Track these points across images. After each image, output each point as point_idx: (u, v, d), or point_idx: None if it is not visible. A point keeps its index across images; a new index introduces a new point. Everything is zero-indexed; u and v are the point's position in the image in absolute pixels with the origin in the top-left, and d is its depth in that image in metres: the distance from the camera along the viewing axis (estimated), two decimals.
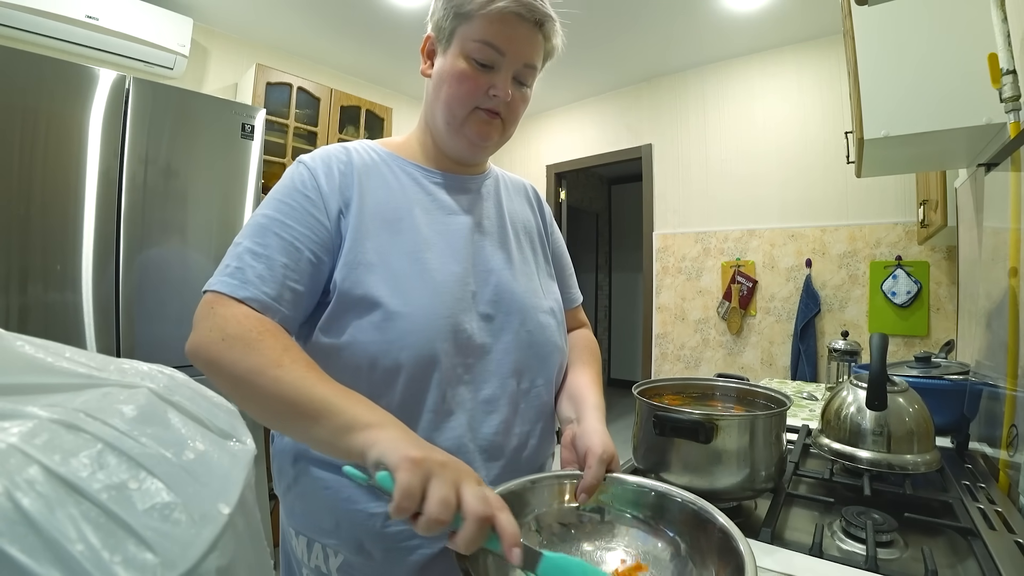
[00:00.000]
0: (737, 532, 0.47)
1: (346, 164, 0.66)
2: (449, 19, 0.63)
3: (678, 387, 0.91)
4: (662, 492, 0.55)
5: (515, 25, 0.62)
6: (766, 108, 2.74)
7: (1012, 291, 0.84)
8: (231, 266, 0.58)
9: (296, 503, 0.65)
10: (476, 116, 0.65)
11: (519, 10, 0.61)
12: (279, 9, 2.37)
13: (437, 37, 0.66)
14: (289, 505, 0.66)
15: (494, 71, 0.63)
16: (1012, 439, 0.79)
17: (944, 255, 2.24)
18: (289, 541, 0.67)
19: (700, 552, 0.50)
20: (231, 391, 0.52)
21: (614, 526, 0.55)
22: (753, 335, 2.75)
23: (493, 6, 0.60)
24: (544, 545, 0.53)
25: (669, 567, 0.51)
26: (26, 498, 0.22)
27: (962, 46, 1.00)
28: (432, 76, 0.68)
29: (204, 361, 0.54)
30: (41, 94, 1.46)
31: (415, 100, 3.46)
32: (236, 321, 0.54)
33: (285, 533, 0.68)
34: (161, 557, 0.24)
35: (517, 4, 0.60)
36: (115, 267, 1.59)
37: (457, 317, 0.62)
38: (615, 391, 5.07)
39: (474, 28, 0.61)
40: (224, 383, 0.53)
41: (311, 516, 0.64)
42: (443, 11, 0.63)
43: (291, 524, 0.66)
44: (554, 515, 0.55)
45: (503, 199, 0.77)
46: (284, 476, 0.67)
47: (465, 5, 0.61)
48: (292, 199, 0.63)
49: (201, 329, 0.55)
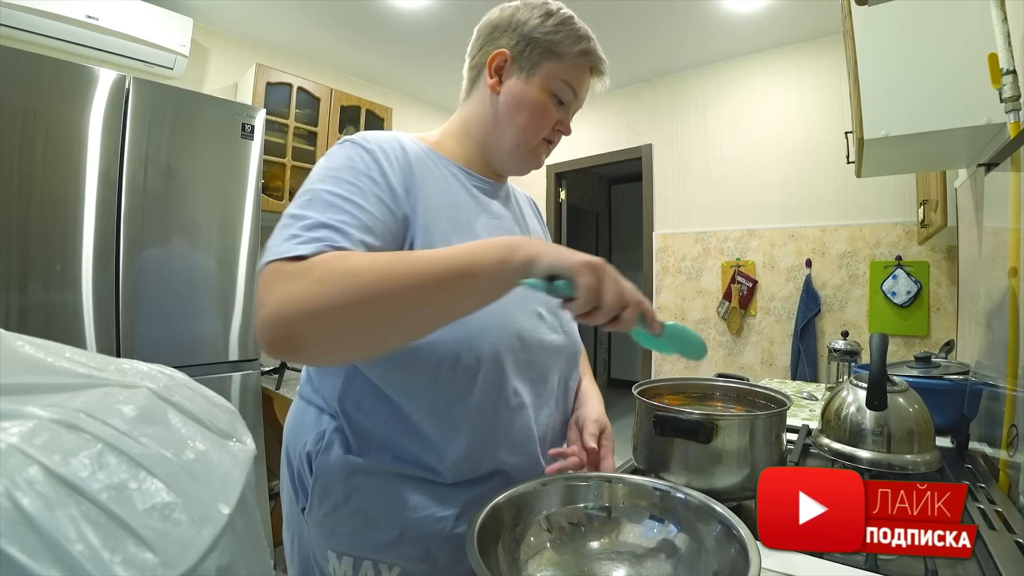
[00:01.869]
0: (738, 521, 0.49)
1: (402, 153, 0.64)
2: (537, 51, 0.68)
3: (678, 387, 0.91)
4: (665, 490, 0.57)
5: (590, 74, 0.71)
6: (766, 108, 2.74)
7: (1012, 291, 0.84)
8: (299, 236, 0.51)
9: (345, 522, 0.62)
10: (541, 144, 0.72)
11: (599, 65, 0.71)
12: (279, 9, 2.37)
13: (516, 61, 0.68)
14: (331, 526, 0.62)
15: (564, 108, 0.70)
16: (1012, 439, 0.79)
17: (944, 255, 2.24)
18: (323, 565, 0.63)
19: (704, 544, 0.51)
20: (356, 322, 0.47)
21: (620, 523, 0.57)
22: (753, 335, 2.75)
23: (584, 57, 0.69)
24: (555, 543, 0.55)
25: (676, 559, 0.53)
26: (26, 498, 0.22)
27: (962, 46, 0.99)
28: (504, 95, 0.69)
29: (305, 316, 0.45)
30: (41, 94, 1.46)
31: (415, 100, 3.46)
32: (317, 264, 0.48)
33: (315, 558, 0.64)
34: (161, 557, 0.24)
35: (598, 60, 0.70)
36: (115, 267, 1.58)
37: (520, 315, 0.65)
38: (615, 391, 5.07)
39: (563, 69, 0.68)
40: (343, 321, 0.47)
41: (366, 533, 0.61)
42: (529, 41, 0.68)
43: (331, 546, 0.62)
44: (563, 515, 0.57)
45: (523, 209, 0.82)
46: (331, 495, 0.63)
47: (559, 45, 0.67)
48: (358, 180, 0.58)
49: (277, 295, 0.46)
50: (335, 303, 0.46)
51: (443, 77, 3.11)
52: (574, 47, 0.68)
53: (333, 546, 0.63)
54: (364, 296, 0.46)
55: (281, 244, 0.50)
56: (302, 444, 0.66)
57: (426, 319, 0.51)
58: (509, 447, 0.64)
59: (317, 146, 2.59)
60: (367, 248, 0.53)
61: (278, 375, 2.26)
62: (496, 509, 0.53)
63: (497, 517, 0.53)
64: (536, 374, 0.67)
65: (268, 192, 2.40)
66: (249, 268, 1.90)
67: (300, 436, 0.68)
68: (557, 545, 0.55)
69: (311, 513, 0.64)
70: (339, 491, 0.63)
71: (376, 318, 0.48)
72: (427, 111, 3.54)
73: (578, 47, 0.68)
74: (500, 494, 0.54)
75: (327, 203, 0.54)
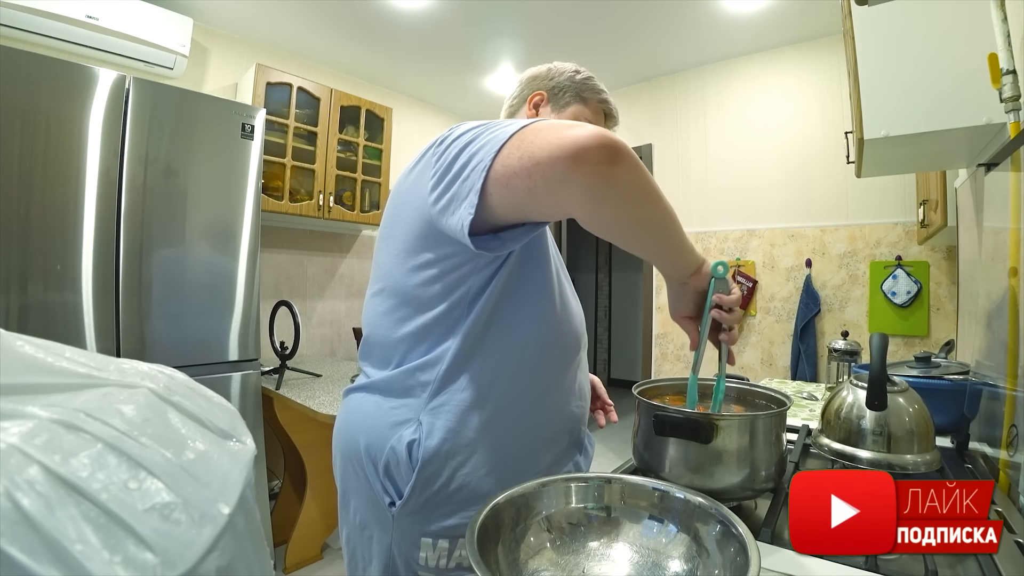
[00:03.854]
0: (737, 520, 0.49)
1: None
2: (568, 95, 0.86)
3: (678, 387, 0.91)
4: (664, 490, 0.57)
5: (607, 121, 0.90)
6: (766, 108, 2.74)
7: (1012, 291, 0.84)
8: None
9: (443, 505, 0.64)
10: None
11: (614, 113, 0.91)
12: (279, 9, 2.37)
13: (551, 100, 0.87)
14: (428, 512, 0.65)
15: None
16: (1012, 439, 0.79)
17: (944, 255, 2.24)
18: (412, 555, 0.65)
19: (704, 544, 0.52)
20: (637, 200, 0.56)
21: (620, 523, 0.58)
22: (753, 335, 2.75)
23: (603, 104, 0.89)
24: (555, 543, 0.55)
25: (675, 558, 0.53)
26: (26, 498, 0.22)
27: (962, 46, 1.00)
28: None
29: (628, 155, 0.53)
30: (41, 94, 1.46)
31: (415, 100, 3.46)
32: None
33: (403, 550, 0.65)
34: (161, 557, 0.24)
35: (613, 108, 0.90)
36: (115, 267, 1.58)
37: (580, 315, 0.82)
38: (615, 391, 5.03)
39: (586, 111, 0.87)
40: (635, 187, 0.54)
41: (466, 510, 0.64)
42: (562, 87, 0.87)
43: (426, 532, 0.64)
44: (563, 515, 0.58)
45: None
46: (434, 480, 0.65)
47: (585, 92, 0.87)
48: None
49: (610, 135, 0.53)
50: (644, 176, 0.55)
51: (443, 77, 3.12)
52: (596, 96, 0.87)
53: (429, 532, 0.64)
54: (653, 194, 0.57)
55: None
56: (393, 437, 0.66)
57: (649, 246, 0.65)
58: (579, 396, 0.79)
59: (317, 146, 2.59)
60: None
61: (278, 375, 2.26)
62: (496, 510, 0.53)
63: (497, 518, 0.53)
64: (584, 367, 0.84)
65: (268, 192, 2.40)
66: (249, 268, 1.90)
67: (384, 432, 0.68)
68: (557, 546, 0.55)
69: (407, 503, 0.65)
70: (444, 473, 0.65)
71: (645, 214, 0.58)
72: (427, 111, 3.54)
73: (599, 96, 0.87)
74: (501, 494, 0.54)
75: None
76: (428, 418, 0.66)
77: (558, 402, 0.75)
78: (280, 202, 2.43)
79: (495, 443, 0.68)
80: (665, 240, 0.63)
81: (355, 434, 0.71)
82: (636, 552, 0.54)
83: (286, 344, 2.30)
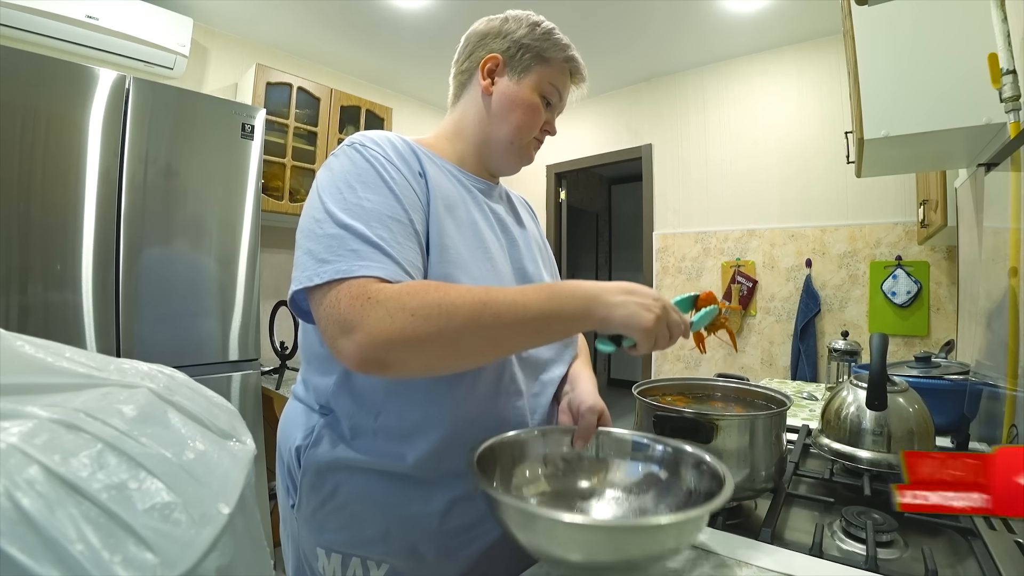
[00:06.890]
0: (713, 457, 0.59)
1: (404, 144, 0.68)
2: (528, 56, 0.74)
3: (678, 387, 0.91)
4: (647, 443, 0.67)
5: (572, 79, 0.78)
6: (766, 108, 2.74)
7: (1012, 291, 0.84)
8: (359, 251, 0.54)
9: (331, 518, 0.63)
10: (532, 142, 0.77)
11: (581, 71, 0.78)
12: (279, 9, 2.37)
13: (507, 64, 0.74)
14: (320, 523, 0.64)
15: (550, 109, 0.77)
16: (1012, 439, 0.79)
17: (944, 255, 2.24)
18: (313, 563, 0.64)
19: (681, 476, 0.62)
20: (448, 354, 0.53)
21: (607, 462, 0.67)
22: (753, 335, 2.75)
23: (568, 63, 0.76)
24: (550, 478, 0.65)
25: (656, 489, 0.63)
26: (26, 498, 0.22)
27: (962, 46, 1.00)
28: (497, 96, 0.74)
29: (402, 346, 0.50)
30: (41, 94, 1.46)
31: (415, 100, 3.46)
32: (408, 295, 0.51)
33: (306, 555, 0.65)
34: (161, 557, 0.24)
35: (579, 66, 0.78)
36: (115, 267, 1.58)
37: None
38: (615, 391, 5.07)
39: (551, 73, 0.75)
40: (436, 353, 0.52)
41: (352, 529, 0.62)
42: (520, 47, 0.74)
43: (320, 543, 0.64)
44: (559, 455, 0.67)
45: (519, 211, 0.85)
46: (317, 492, 0.64)
47: (547, 51, 0.74)
48: (388, 178, 0.61)
49: (372, 322, 0.50)
50: (430, 338, 0.51)
51: (443, 77, 3.10)
52: (560, 54, 0.75)
53: (322, 543, 0.64)
54: (456, 333, 0.52)
55: (352, 262, 0.53)
56: (292, 440, 0.68)
57: (509, 350, 0.61)
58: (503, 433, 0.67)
59: (317, 146, 2.59)
60: (420, 251, 0.60)
61: (278, 375, 2.27)
62: (494, 446, 0.61)
63: (495, 453, 0.61)
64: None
65: (268, 192, 2.40)
66: (249, 268, 1.90)
67: (291, 433, 0.69)
68: (552, 480, 0.65)
69: (300, 510, 0.65)
70: (326, 486, 0.64)
71: (465, 350, 0.54)
72: (427, 111, 3.54)
73: (564, 54, 0.75)
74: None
75: (368, 211, 0.57)
76: (319, 427, 0.66)
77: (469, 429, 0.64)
78: (280, 202, 2.43)
79: (376, 473, 0.63)
80: (514, 328, 0.54)
81: (279, 430, 0.73)
82: (623, 484, 0.65)
83: (286, 344, 2.30)
